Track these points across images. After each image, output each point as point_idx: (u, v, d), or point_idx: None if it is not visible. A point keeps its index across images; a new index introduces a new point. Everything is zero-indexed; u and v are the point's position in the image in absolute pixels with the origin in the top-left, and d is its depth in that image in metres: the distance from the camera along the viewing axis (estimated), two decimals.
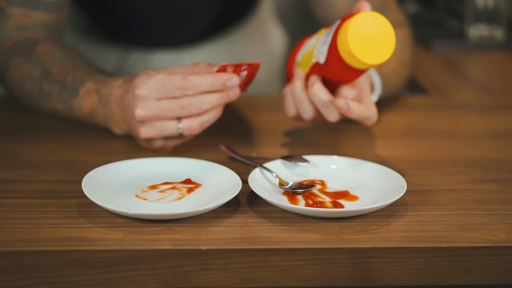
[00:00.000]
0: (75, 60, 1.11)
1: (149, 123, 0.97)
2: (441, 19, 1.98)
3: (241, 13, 1.44)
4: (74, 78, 1.07)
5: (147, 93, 0.95)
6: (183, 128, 0.97)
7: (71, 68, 1.09)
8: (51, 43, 1.14)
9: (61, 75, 1.09)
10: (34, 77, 1.10)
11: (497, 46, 1.76)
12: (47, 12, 1.15)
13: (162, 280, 0.81)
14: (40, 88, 1.10)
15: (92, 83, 1.06)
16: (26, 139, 1.10)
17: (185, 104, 0.96)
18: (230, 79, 0.96)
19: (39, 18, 1.14)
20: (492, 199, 0.94)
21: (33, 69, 1.11)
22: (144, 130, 0.97)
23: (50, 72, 1.10)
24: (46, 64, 1.10)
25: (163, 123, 0.97)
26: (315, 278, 0.82)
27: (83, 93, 1.06)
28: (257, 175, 0.94)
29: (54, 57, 1.11)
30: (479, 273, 0.83)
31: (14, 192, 0.93)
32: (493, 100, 1.37)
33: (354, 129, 1.19)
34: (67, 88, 1.08)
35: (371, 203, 0.89)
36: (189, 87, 0.95)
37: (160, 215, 0.85)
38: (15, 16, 1.14)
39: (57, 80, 1.09)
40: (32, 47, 1.13)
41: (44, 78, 1.10)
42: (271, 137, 1.13)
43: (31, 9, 1.14)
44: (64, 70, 1.09)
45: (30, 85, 1.11)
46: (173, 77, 0.95)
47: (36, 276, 0.80)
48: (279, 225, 0.86)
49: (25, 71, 1.11)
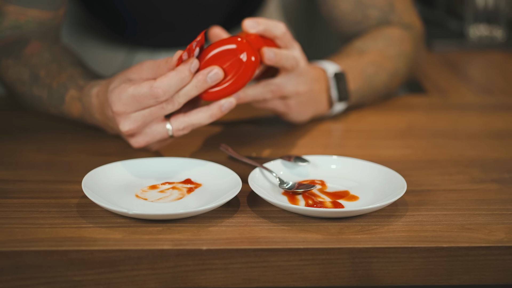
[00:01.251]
0: (62, 61, 1.11)
1: (138, 133, 0.97)
2: (441, 19, 1.98)
3: (248, 13, 1.44)
4: (59, 84, 1.07)
5: (124, 109, 0.94)
6: (172, 129, 0.97)
7: (56, 71, 1.09)
8: (40, 43, 1.13)
9: (47, 79, 1.09)
10: (23, 80, 1.11)
11: (497, 46, 1.76)
12: (42, 10, 1.14)
13: (162, 280, 0.81)
14: (31, 92, 1.10)
15: (74, 90, 1.06)
16: (26, 139, 1.10)
17: (163, 105, 0.95)
18: (191, 64, 0.94)
19: (34, 16, 1.14)
20: (492, 199, 0.94)
21: (22, 72, 1.11)
22: (136, 140, 0.97)
23: (38, 76, 1.09)
24: (34, 66, 1.10)
25: (152, 128, 0.96)
26: (315, 278, 0.82)
27: (68, 100, 1.07)
28: (257, 175, 0.94)
29: (42, 58, 1.11)
30: (479, 273, 0.83)
31: (14, 192, 0.93)
32: (493, 100, 1.37)
33: (354, 129, 1.19)
34: (54, 94, 1.08)
35: (371, 203, 0.89)
36: (159, 94, 0.93)
37: (160, 215, 0.85)
38: (10, 14, 1.14)
39: (45, 85, 1.09)
40: (22, 48, 1.12)
41: (33, 82, 1.10)
42: (271, 137, 1.13)
43: (26, 7, 1.13)
44: (51, 74, 1.09)
45: (21, 89, 1.11)
46: (141, 88, 0.93)
47: (36, 276, 0.80)
48: (279, 225, 0.86)
49: (15, 74, 1.11)
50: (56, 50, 1.13)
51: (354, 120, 1.22)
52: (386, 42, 1.25)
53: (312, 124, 1.18)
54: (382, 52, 1.24)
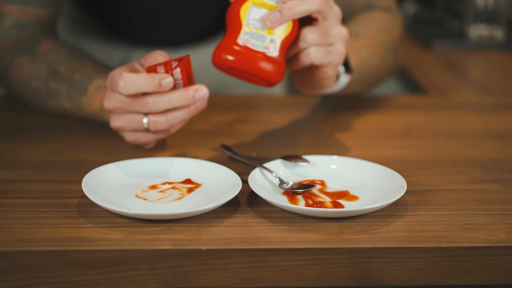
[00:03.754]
0: (82, 58, 1.12)
1: (117, 114, 0.97)
2: (441, 19, 1.98)
3: None
4: (83, 75, 1.08)
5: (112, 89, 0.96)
6: (148, 122, 0.97)
7: (78, 66, 1.09)
8: (53, 42, 1.14)
9: (69, 73, 1.09)
10: (40, 76, 1.11)
11: (497, 46, 1.76)
12: (41, 8, 1.16)
13: (162, 280, 0.81)
14: (47, 86, 1.10)
15: (102, 79, 1.06)
16: (26, 139, 1.10)
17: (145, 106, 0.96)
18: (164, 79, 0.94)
19: (34, 14, 1.15)
20: (492, 199, 0.94)
21: (39, 68, 1.11)
22: (112, 120, 0.98)
23: (58, 71, 1.10)
24: (53, 62, 1.11)
25: (131, 115, 0.97)
26: (315, 278, 0.82)
27: (92, 90, 1.07)
28: (257, 175, 0.94)
29: (60, 56, 1.12)
30: (479, 273, 0.83)
31: (14, 192, 0.93)
32: (493, 100, 1.37)
33: (354, 129, 1.19)
34: (76, 85, 1.08)
35: (371, 203, 0.89)
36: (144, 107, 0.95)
37: (160, 215, 0.85)
38: (11, 13, 1.15)
39: (65, 78, 1.09)
40: (35, 46, 1.13)
41: (51, 77, 1.10)
42: (271, 137, 1.13)
43: (25, 5, 1.15)
44: (72, 68, 1.09)
45: (36, 83, 1.11)
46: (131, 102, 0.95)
47: (36, 276, 0.80)
48: (279, 225, 0.86)
49: (31, 70, 1.11)
50: (72, 50, 1.14)
51: (354, 120, 1.22)
52: (377, 27, 1.23)
53: (312, 124, 1.18)
54: (374, 37, 1.22)
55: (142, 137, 1.00)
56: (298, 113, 1.23)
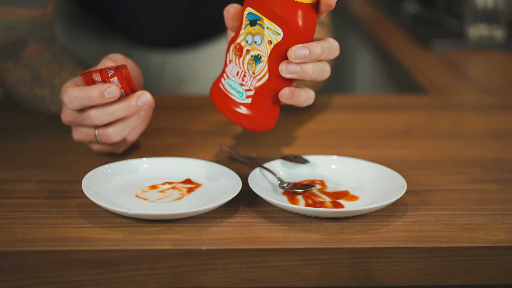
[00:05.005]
0: (63, 60, 1.11)
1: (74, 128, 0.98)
2: (441, 19, 1.98)
3: None
4: (61, 80, 1.07)
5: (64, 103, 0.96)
6: (98, 134, 0.97)
7: (58, 70, 1.09)
8: (38, 44, 1.13)
9: (49, 78, 1.08)
10: (25, 82, 1.10)
11: (497, 46, 1.76)
12: (30, 8, 1.13)
13: (162, 280, 0.81)
14: (33, 92, 1.10)
15: None
16: (26, 139, 1.10)
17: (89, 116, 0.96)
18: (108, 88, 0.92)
19: (23, 14, 1.13)
20: (492, 199, 0.94)
21: (24, 73, 1.10)
22: (73, 134, 0.99)
23: (40, 76, 1.09)
24: (35, 67, 1.10)
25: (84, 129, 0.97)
26: (315, 278, 0.82)
27: None
28: (257, 175, 0.94)
29: (42, 59, 1.11)
30: (479, 273, 0.83)
31: (14, 192, 0.93)
32: (493, 100, 1.37)
33: (354, 129, 1.19)
34: (56, 91, 1.08)
35: (371, 203, 0.89)
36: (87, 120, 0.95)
37: (160, 215, 0.85)
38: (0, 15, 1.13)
39: (47, 84, 1.09)
40: (20, 50, 1.12)
41: (35, 82, 1.10)
42: (271, 137, 1.13)
43: (13, 6, 1.12)
44: (52, 72, 1.09)
45: (23, 90, 1.11)
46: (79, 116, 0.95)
47: (36, 276, 0.80)
48: (279, 225, 0.86)
49: (17, 76, 1.11)
50: (55, 50, 1.13)
51: (354, 120, 1.22)
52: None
53: (312, 124, 1.18)
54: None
55: (105, 147, 1.01)
56: (298, 113, 1.23)
